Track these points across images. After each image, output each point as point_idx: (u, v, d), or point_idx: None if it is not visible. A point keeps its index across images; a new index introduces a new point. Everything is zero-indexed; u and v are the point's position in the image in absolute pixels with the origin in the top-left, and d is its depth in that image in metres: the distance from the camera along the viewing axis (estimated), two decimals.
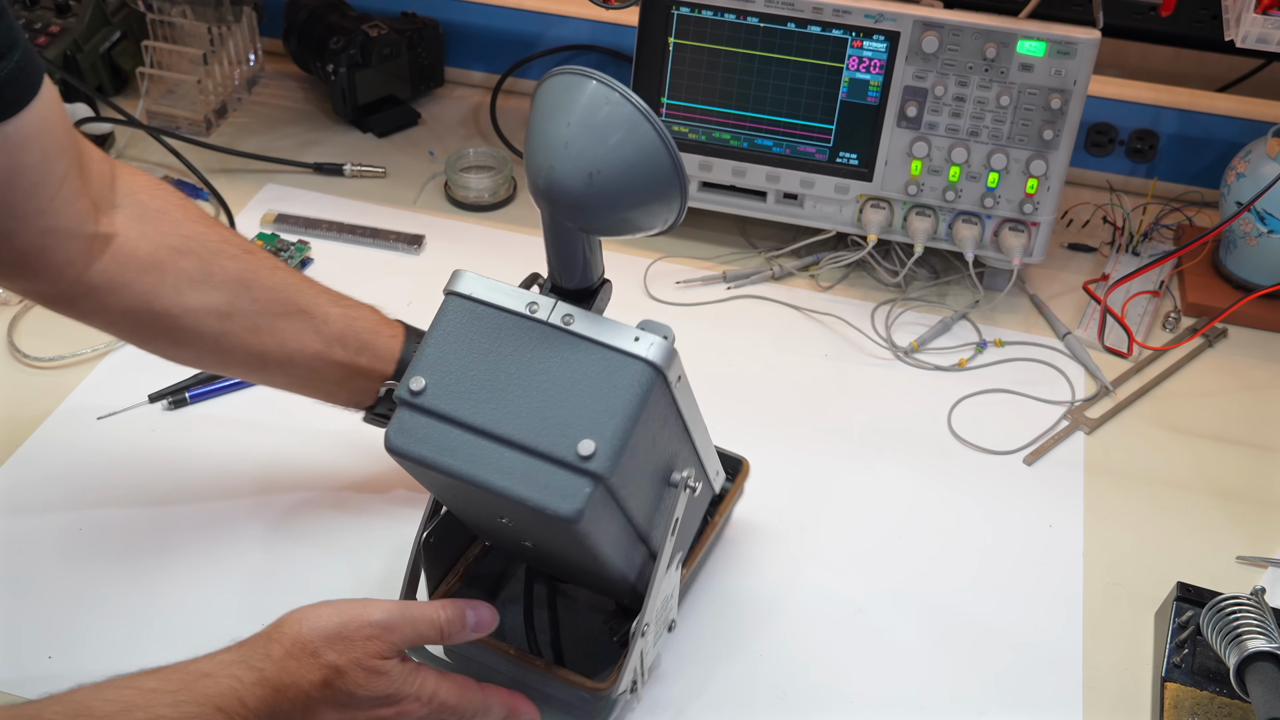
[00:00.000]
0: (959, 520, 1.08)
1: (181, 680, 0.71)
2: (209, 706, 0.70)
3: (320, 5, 1.54)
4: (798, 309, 1.29)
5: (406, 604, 0.80)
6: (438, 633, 0.80)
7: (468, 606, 0.81)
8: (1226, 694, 0.91)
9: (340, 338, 0.94)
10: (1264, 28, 1.14)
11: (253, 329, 0.91)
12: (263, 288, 0.91)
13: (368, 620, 0.77)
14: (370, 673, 0.76)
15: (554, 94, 0.70)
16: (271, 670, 0.73)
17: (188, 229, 0.89)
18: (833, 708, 0.93)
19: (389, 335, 0.97)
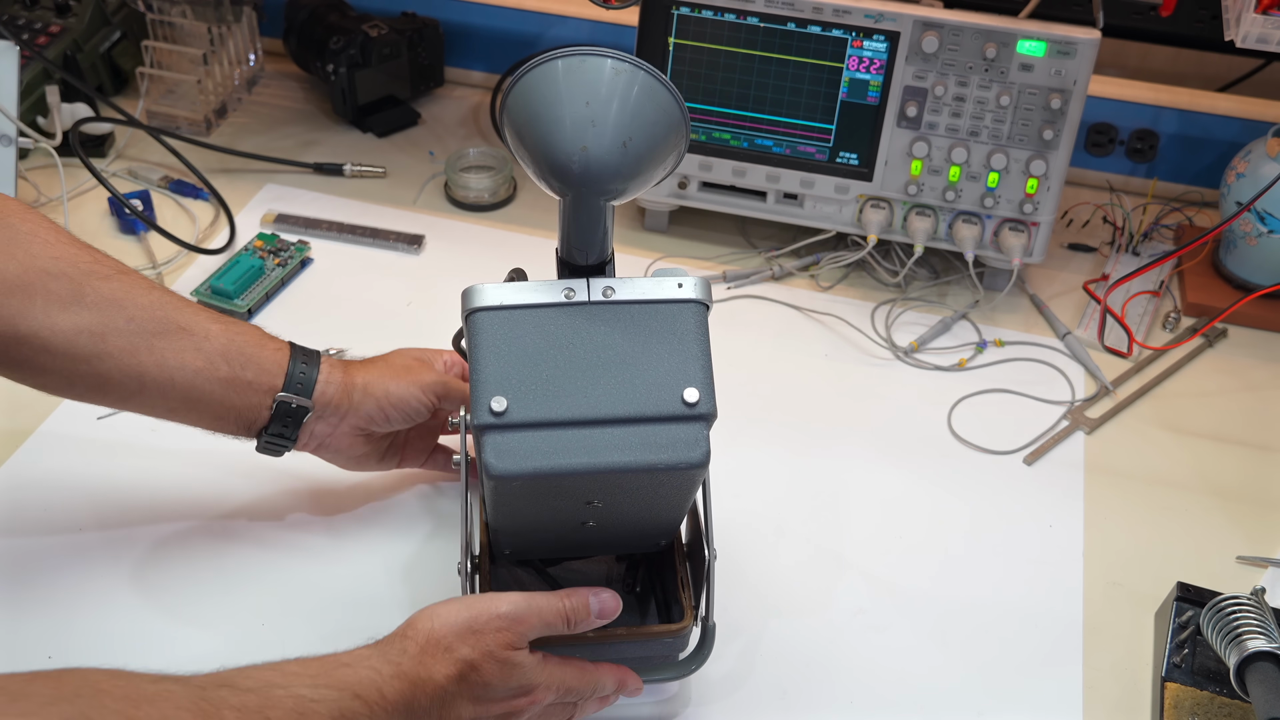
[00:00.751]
0: (959, 520, 1.08)
1: (321, 667, 0.72)
2: (348, 693, 0.71)
3: (320, 5, 1.54)
4: (798, 309, 1.29)
5: (532, 595, 0.80)
6: (564, 621, 0.80)
7: (590, 594, 0.81)
8: (1226, 694, 0.91)
9: (223, 353, 0.91)
10: (1264, 28, 1.14)
11: (129, 349, 0.88)
12: (138, 306, 0.88)
13: (496, 613, 0.77)
14: (503, 664, 0.78)
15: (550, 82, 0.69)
16: (408, 665, 0.74)
17: (58, 250, 0.87)
18: (833, 708, 0.93)
19: (274, 349, 0.94)
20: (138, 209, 1.32)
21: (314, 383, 0.93)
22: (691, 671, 0.89)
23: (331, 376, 0.94)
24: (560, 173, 0.70)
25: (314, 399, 0.93)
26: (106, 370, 0.88)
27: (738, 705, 0.93)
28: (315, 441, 0.97)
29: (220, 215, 1.37)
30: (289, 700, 0.68)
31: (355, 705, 0.71)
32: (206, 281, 1.26)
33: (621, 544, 0.92)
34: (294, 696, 0.68)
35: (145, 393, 0.90)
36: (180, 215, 1.38)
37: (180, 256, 1.31)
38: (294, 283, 1.30)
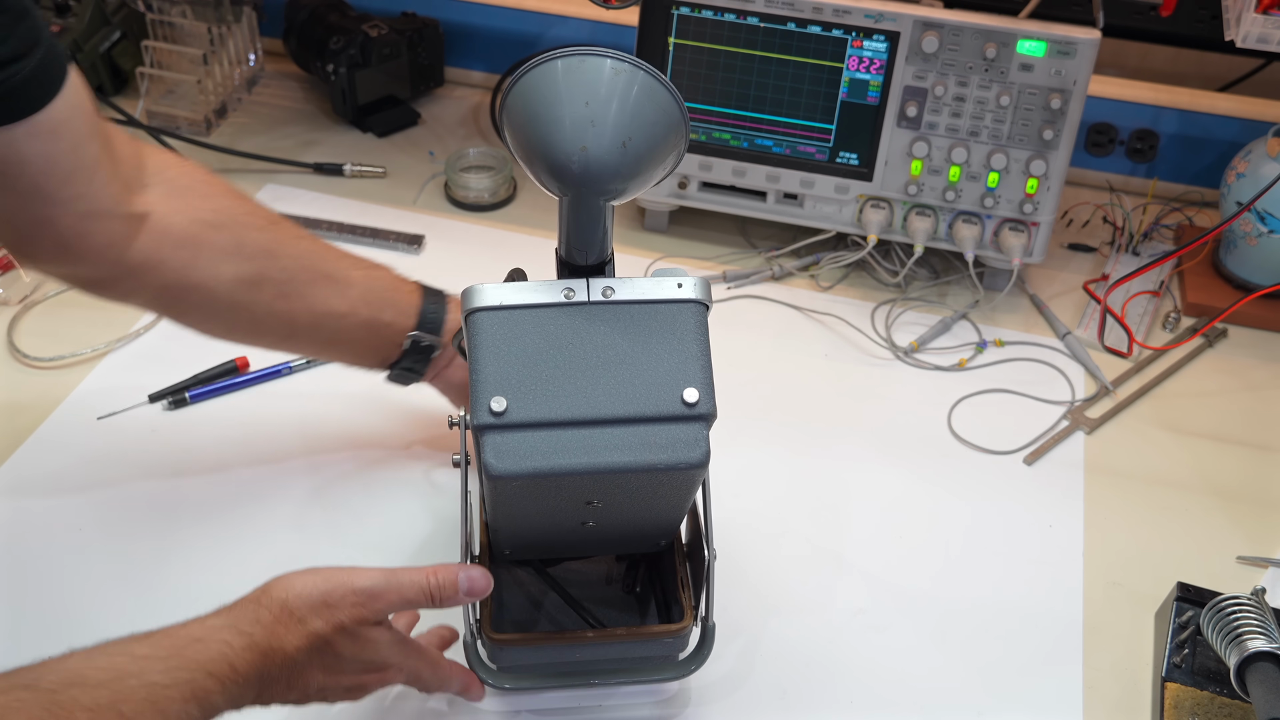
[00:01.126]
0: (959, 520, 1.08)
1: (172, 646, 0.71)
2: (200, 672, 0.70)
3: (320, 5, 1.54)
4: (798, 309, 1.29)
5: (394, 571, 0.80)
6: (426, 598, 0.80)
7: (460, 570, 0.81)
8: (1227, 694, 0.91)
9: (364, 298, 0.97)
10: (1264, 28, 1.14)
11: (282, 295, 0.94)
12: (289, 256, 0.94)
13: (353, 588, 0.77)
14: (355, 639, 0.78)
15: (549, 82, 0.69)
16: (260, 635, 0.74)
17: (217, 203, 0.92)
18: (833, 708, 0.93)
19: (407, 291, 1.01)
20: None
21: (443, 320, 1.00)
22: (691, 671, 0.89)
23: (455, 313, 1.01)
24: (560, 173, 0.70)
25: (442, 334, 1.00)
26: (262, 316, 0.94)
27: (738, 705, 0.93)
28: (434, 372, 1.03)
29: None
30: (141, 690, 0.68)
31: (208, 683, 0.71)
32: None
33: (621, 544, 0.92)
34: (146, 685, 0.68)
35: (295, 337, 0.98)
36: None
37: None
38: None
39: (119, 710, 0.66)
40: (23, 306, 1.23)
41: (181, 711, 0.68)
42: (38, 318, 1.22)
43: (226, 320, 0.95)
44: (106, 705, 0.66)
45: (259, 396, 1.15)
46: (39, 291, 1.25)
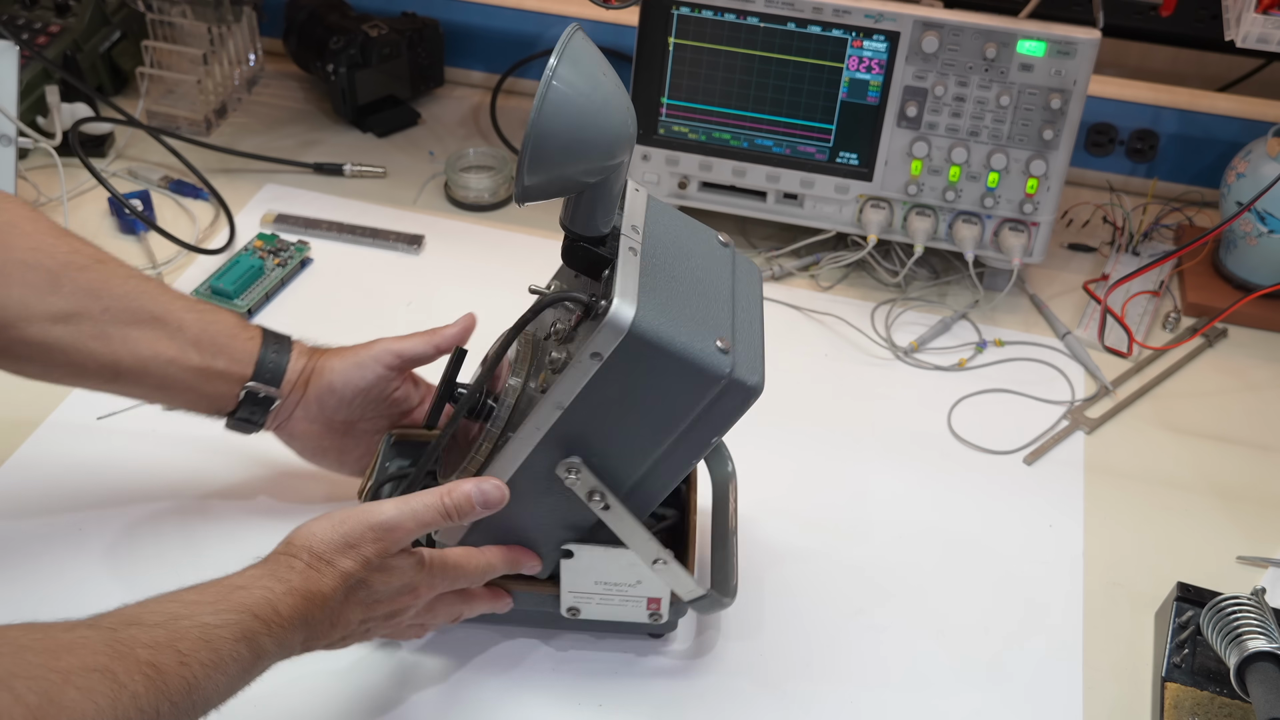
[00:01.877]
0: (959, 520, 1.08)
1: (219, 592, 0.74)
2: (247, 614, 0.73)
3: (320, 5, 1.54)
4: (798, 309, 1.29)
5: (406, 499, 0.82)
6: (444, 517, 0.82)
7: (473, 484, 0.83)
8: (1227, 694, 0.91)
9: (195, 342, 0.94)
10: (1264, 28, 1.14)
11: (102, 335, 0.91)
12: (113, 296, 0.91)
13: (370, 524, 0.79)
14: (383, 571, 0.81)
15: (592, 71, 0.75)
16: (298, 581, 0.77)
17: (37, 241, 0.90)
18: (833, 708, 0.93)
19: (246, 338, 0.96)
20: (138, 209, 1.32)
21: (283, 370, 0.96)
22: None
23: (298, 363, 0.97)
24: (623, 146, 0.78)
25: (281, 387, 0.96)
26: (82, 359, 0.91)
27: (738, 705, 0.93)
28: (276, 422, 0.99)
29: (220, 215, 1.37)
30: (195, 629, 0.71)
31: (256, 625, 0.73)
32: (206, 282, 1.26)
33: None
34: (199, 625, 0.71)
35: (120, 379, 0.93)
36: (180, 215, 1.38)
37: (180, 256, 1.31)
38: (294, 283, 1.30)
39: (175, 647, 0.69)
40: None
41: (233, 650, 0.71)
42: None
43: (40, 362, 0.92)
44: (164, 643, 0.69)
45: None
46: None
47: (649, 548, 0.87)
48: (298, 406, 0.97)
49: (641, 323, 0.76)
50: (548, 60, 0.73)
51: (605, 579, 0.90)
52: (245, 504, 1.06)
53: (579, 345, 0.79)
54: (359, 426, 0.99)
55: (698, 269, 0.85)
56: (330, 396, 0.97)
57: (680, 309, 0.79)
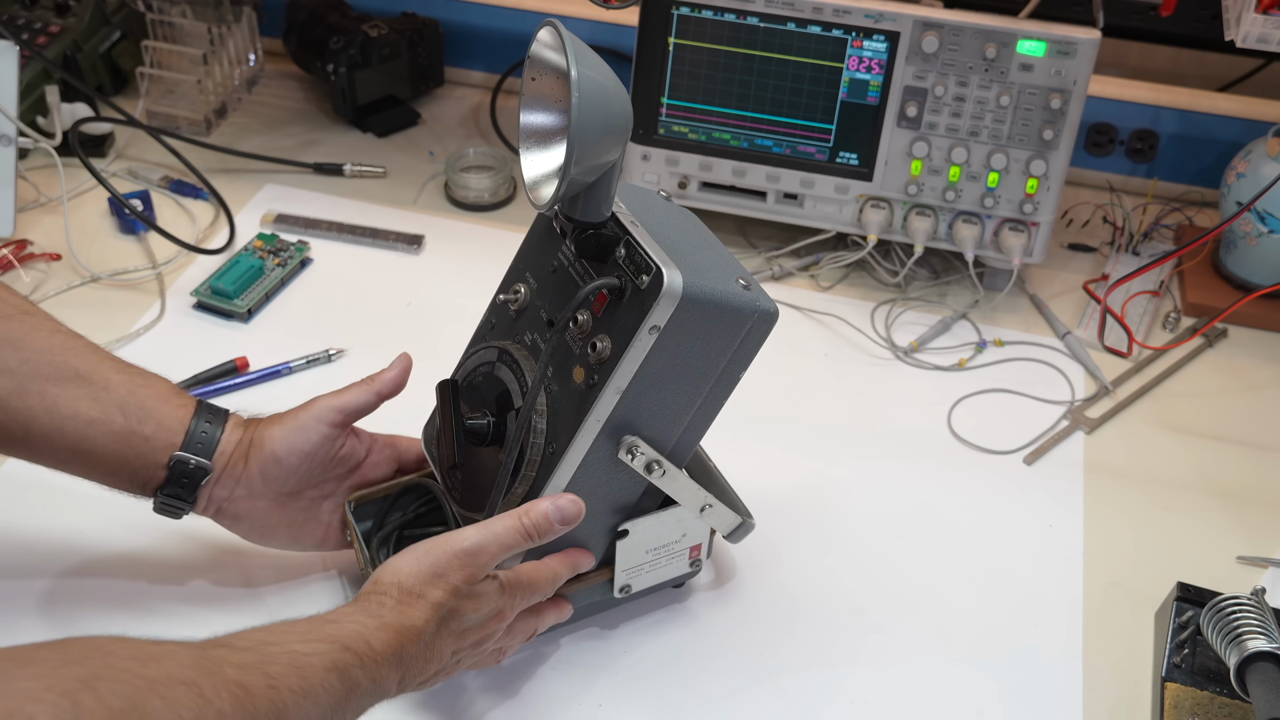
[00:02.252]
0: (959, 520, 1.08)
1: (309, 625, 0.74)
2: (338, 645, 0.72)
3: (320, 5, 1.54)
4: (798, 309, 1.29)
5: (487, 523, 0.82)
6: (525, 538, 0.82)
7: (549, 502, 0.83)
8: (1227, 694, 0.91)
9: (121, 405, 0.87)
10: (1264, 28, 1.14)
11: (18, 391, 0.84)
12: (35, 349, 0.85)
13: (454, 552, 0.80)
14: (471, 598, 0.80)
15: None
16: (390, 616, 0.76)
17: None
18: (833, 708, 0.93)
19: (178, 404, 0.89)
20: (138, 209, 1.32)
21: (216, 442, 0.89)
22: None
23: (233, 435, 0.90)
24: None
25: (214, 460, 0.89)
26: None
27: (738, 705, 0.93)
28: (214, 506, 0.91)
29: (220, 215, 1.37)
30: (285, 655, 0.70)
31: (347, 656, 0.72)
32: (206, 282, 1.26)
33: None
34: (289, 651, 0.70)
35: (31, 440, 0.86)
36: (180, 215, 1.38)
37: (180, 256, 1.31)
38: (294, 283, 1.30)
39: (265, 670, 0.68)
40: None
41: (323, 680, 0.71)
42: None
43: None
44: (253, 665, 0.68)
45: (259, 396, 1.15)
46: (39, 291, 1.25)
47: (697, 497, 0.89)
48: (238, 484, 0.90)
49: (690, 285, 0.79)
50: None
51: (656, 544, 0.92)
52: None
53: (625, 326, 0.80)
54: (307, 494, 0.93)
55: (672, 225, 0.87)
56: (275, 467, 0.90)
57: (696, 263, 0.82)
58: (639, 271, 0.80)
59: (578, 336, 0.84)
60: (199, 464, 0.88)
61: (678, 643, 0.96)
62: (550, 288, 0.89)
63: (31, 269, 1.28)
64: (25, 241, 1.29)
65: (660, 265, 0.79)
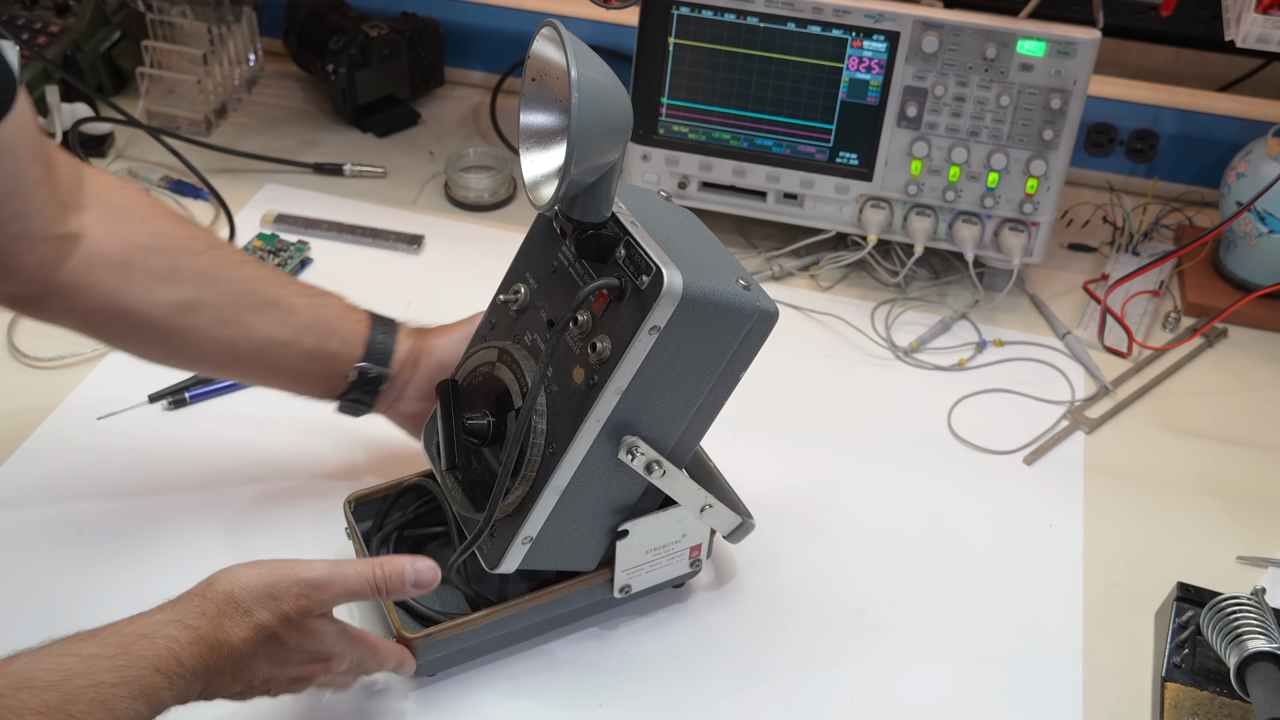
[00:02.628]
0: (959, 520, 1.08)
1: (119, 644, 0.72)
2: (148, 669, 0.71)
3: (320, 5, 1.54)
4: (798, 309, 1.29)
5: (339, 562, 0.80)
6: (372, 589, 0.81)
7: (407, 561, 0.82)
8: (1226, 694, 0.91)
9: (309, 326, 0.95)
10: (1264, 28, 1.14)
11: (221, 321, 0.92)
12: (230, 281, 0.92)
13: (298, 579, 0.78)
14: (300, 630, 0.79)
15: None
16: (206, 629, 0.75)
17: (155, 226, 0.91)
18: (833, 708, 0.93)
19: (355, 320, 0.98)
20: None
21: (392, 351, 0.98)
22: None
23: (405, 344, 0.98)
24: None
25: (391, 366, 0.97)
26: (200, 342, 0.92)
27: (738, 705, 0.93)
28: (387, 406, 1.00)
29: (220, 215, 1.37)
30: (90, 690, 0.69)
31: (156, 679, 0.71)
32: None
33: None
34: (94, 685, 0.69)
35: (237, 364, 0.96)
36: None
37: None
38: None
39: (68, 712, 0.67)
40: None
41: (130, 709, 0.69)
42: None
43: (162, 345, 0.93)
44: (56, 707, 0.67)
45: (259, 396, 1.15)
46: None
47: (697, 497, 0.89)
48: (408, 386, 0.99)
49: (690, 285, 0.79)
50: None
51: (655, 544, 0.92)
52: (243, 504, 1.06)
53: (625, 326, 0.80)
54: None
55: (672, 225, 0.87)
56: (441, 373, 0.97)
57: (696, 263, 0.82)
58: (639, 272, 0.80)
59: (578, 337, 0.84)
60: (379, 372, 0.97)
61: (678, 643, 0.96)
62: (550, 288, 0.89)
63: None
64: None
65: (660, 265, 0.78)
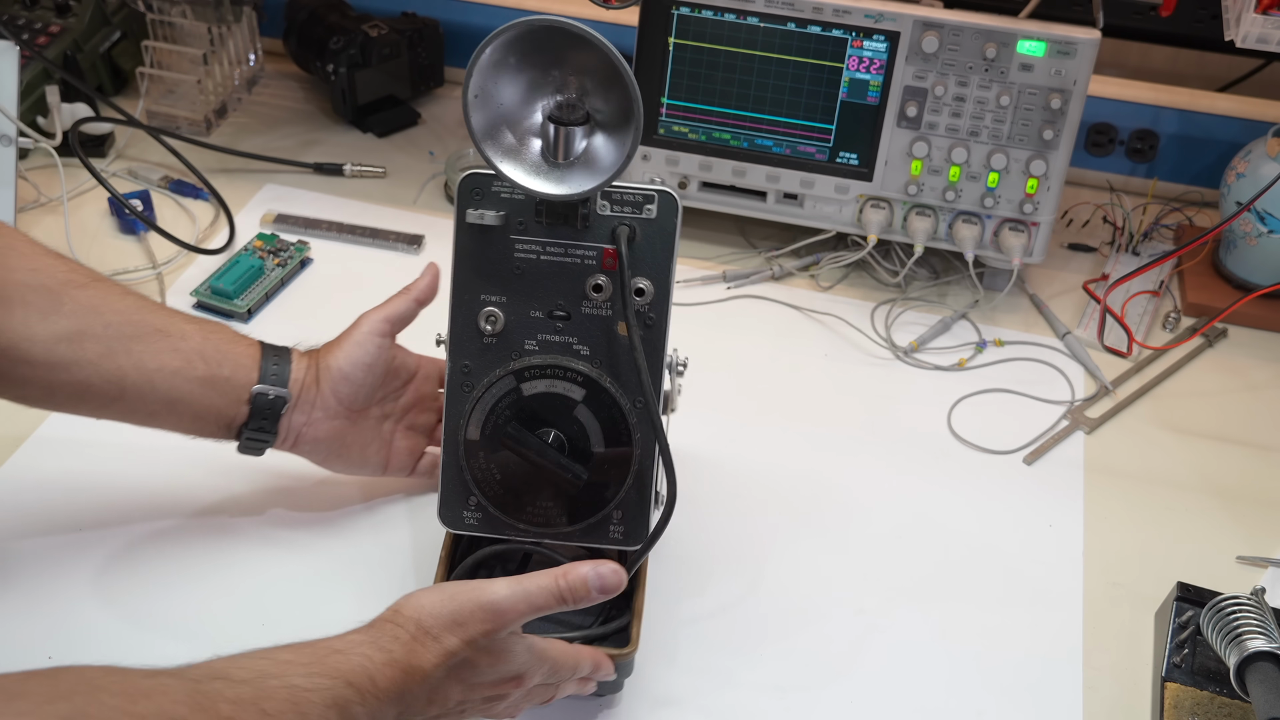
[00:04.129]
0: (959, 520, 1.08)
1: (314, 654, 0.72)
2: (340, 680, 0.71)
3: (320, 5, 1.54)
4: (798, 309, 1.29)
5: (520, 579, 0.79)
6: (558, 600, 0.79)
7: (589, 567, 0.80)
8: (1226, 694, 0.91)
9: (200, 352, 0.93)
10: (1264, 28, 1.14)
11: (107, 353, 0.89)
12: (114, 311, 0.90)
13: (480, 603, 0.77)
14: (490, 652, 0.78)
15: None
16: (400, 653, 0.75)
17: (34, 262, 0.89)
18: (833, 708, 0.93)
19: (246, 345, 0.96)
20: (138, 209, 1.32)
21: (288, 374, 0.96)
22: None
23: (301, 364, 0.97)
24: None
25: (290, 388, 0.95)
26: (86, 376, 0.89)
27: (737, 706, 0.93)
28: (294, 435, 0.97)
29: (220, 215, 1.37)
30: (283, 690, 0.68)
31: (349, 693, 0.71)
32: (206, 282, 1.26)
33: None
34: (288, 687, 0.69)
35: (125, 397, 0.91)
36: (180, 215, 1.38)
37: (180, 257, 1.31)
38: (294, 283, 1.30)
39: (261, 707, 0.67)
40: None
41: (322, 716, 0.69)
42: None
43: (43, 384, 0.89)
44: (249, 701, 0.67)
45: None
46: None
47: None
48: (314, 408, 0.97)
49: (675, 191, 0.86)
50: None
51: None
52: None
53: (657, 257, 0.86)
54: (371, 412, 1.00)
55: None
56: (345, 384, 0.97)
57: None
58: (638, 207, 0.84)
59: (603, 302, 0.86)
60: (278, 394, 0.94)
61: (677, 642, 0.96)
62: (528, 287, 0.88)
63: None
64: None
65: (663, 188, 0.83)
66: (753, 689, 0.94)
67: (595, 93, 0.80)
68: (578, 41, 0.77)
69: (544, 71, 0.80)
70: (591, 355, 0.87)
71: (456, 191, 0.87)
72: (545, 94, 0.81)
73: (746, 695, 0.93)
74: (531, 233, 0.87)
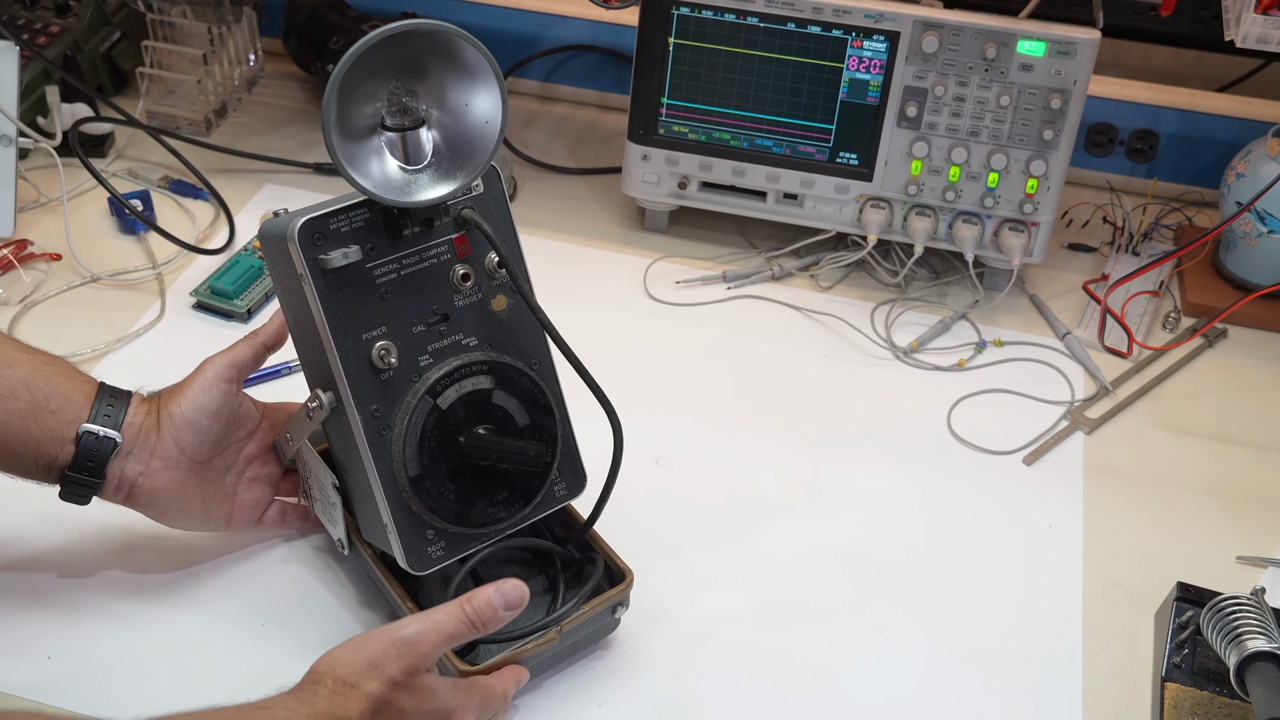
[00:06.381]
0: (959, 520, 1.08)
1: (239, 714, 0.72)
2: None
3: (320, 5, 1.54)
4: (798, 309, 1.29)
5: (427, 613, 0.80)
6: (468, 626, 0.80)
7: (491, 590, 0.81)
8: (1226, 694, 0.91)
9: (26, 381, 0.85)
10: (1264, 28, 1.14)
11: None
12: None
13: (392, 641, 0.77)
14: (413, 692, 0.78)
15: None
16: (323, 705, 0.75)
17: None
18: (833, 708, 0.93)
19: (82, 381, 0.88)
20: (137, 209, 1.32)
21: (123, 416, 0.88)
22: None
23: (140, 409, 0.89)
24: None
25: (122, 431, 0.87)
26: None
27: (737, 706, 0.93)
28: (128, 485, 0.89)
29: (220, 215, 1.37)
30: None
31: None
32: (206, 282, 1.26)
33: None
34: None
35: None
36: (180, 215, 1.38)
37: (180, 257, 1.31)
38: None
39: None
40: (23, 306, 1.23)
41: None
42: (38, 318, 1.22)
43: None
44: None
45: (258, 396, 1.15)
46: (39, 291, 1.25)
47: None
48: (153, 456, 0.89)
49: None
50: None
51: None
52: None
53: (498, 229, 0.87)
54: (214, 464, 0.93)
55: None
56: (188, 431, 0.89)
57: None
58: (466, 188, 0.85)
59: (472, 288, 0.87)
60: (107, 435, 0.86)
61: (677, 642, 0.96)
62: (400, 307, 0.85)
63: (31, 269, 1.28)
64: (25, 241, 1.29)
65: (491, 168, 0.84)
66: (752, 690, 0.94)
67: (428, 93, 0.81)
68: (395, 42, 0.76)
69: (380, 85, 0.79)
70: (480, 343, 0.88)
71: (297, 244, 0.81)
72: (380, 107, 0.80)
73: (746, 695, 0.93)
74: (382, 254, 0.84)
